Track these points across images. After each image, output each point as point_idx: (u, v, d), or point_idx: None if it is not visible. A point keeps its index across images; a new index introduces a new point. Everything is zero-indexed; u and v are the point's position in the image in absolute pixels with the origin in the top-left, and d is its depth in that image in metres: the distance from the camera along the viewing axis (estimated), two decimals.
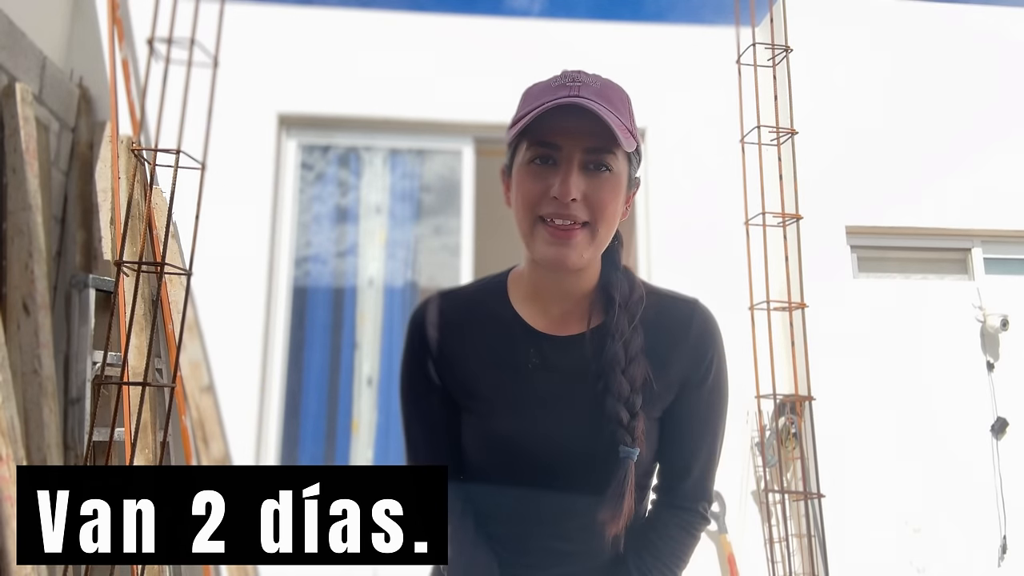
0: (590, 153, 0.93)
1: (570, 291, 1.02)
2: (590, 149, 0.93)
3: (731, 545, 3.20)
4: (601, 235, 0.95)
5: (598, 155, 0.93)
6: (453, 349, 1.04)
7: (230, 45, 2.89)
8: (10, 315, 2.66)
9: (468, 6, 8.99)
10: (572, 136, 0.92)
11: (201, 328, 3.22)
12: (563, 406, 1.00)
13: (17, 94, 2.72)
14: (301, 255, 3.58)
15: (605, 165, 0.93)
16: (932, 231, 3.66)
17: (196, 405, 3.09)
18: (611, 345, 0.97)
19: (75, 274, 3.00)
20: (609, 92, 0.96)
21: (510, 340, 1.03)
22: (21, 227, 2.68)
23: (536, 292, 1.03)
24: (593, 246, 0.95)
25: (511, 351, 1.02)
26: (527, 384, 1.01)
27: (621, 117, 0.94)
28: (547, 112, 0.90)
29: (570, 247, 0.93)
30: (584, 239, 0.94)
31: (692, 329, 1.03)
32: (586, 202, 0.93)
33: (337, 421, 3.44)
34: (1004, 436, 3.43)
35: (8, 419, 2.33)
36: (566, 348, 1.01)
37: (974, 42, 3.84)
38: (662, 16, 3.76)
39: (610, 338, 0.98)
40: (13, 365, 2.55)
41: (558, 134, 0.92)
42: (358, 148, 3.71)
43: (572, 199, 0.91)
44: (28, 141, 2.71)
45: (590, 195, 0.93)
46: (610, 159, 0.94)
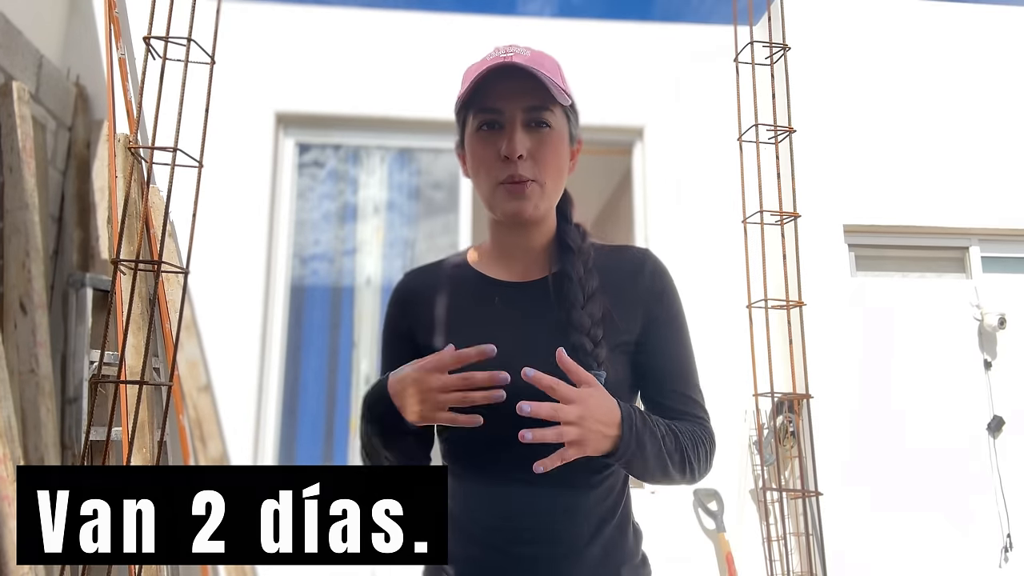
0: (530, 112, 1.03)
1: (530, 244, 1.12)
2: (529, 108, 1.03)
3: (729, 543, 3.21)
4: (549, 188, 1.06)
5: (538, 113, 1.03)
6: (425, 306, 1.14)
7: (227, 43, 2.88)
8: (7, 314, 2.65)
9: (484, 8, 9.00)
10: (511, 98, 1.02)
11: (199, 327, 3.22)
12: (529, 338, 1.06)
13: (14, 93, 2.71)
14: (299, 254, 3.58)
15: (545, 123, 1.04)
16: (930, 230, 3.67)
17: (194, 404, 3.09)
18: (569, 286, 1.07)
19: (72, 273, 3.00)
20: (540, 58, 1.05)
21: (475, 290, 1.13)
22: (18, 226, 2.67)
23: (500, 250, 1.14)
24: (545, 198, 1.06)
25: (477, 298, 1.12)
26: (493, 323, 1.09)
27: (554, 77, 1.03)
28: (485, 79, 1.00)
29: (525, 199, 1.04)
30: (535, 191, 1.04)
31: (646, 268, 1.13)
32: (532, 159, 1.03)
33: (335, 420, 3.44)
34: (1001, 434, 3.44)
35: (5, 418, 2.33)
36: (528, 291, 1.11)
37: (973, 40, 3.85)
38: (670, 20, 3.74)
39: (567, 280, 1.07)
40: (10, 364, 2.55)
41: (498, 98, 1.03)
42: (356, 147, 3.70)
43: (519, 156, 1.01)
44: (25, 140, 2.71)
45: (535, 151, 1.03)
46: (548, 116, 1.04)
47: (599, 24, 3.81)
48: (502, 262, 1.14)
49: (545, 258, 1.13)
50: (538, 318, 1.08)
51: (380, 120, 3.63)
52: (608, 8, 16.62)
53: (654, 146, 3.67)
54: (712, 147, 3.61)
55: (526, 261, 1.13)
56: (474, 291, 1.13)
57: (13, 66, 2.81)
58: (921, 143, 3.68)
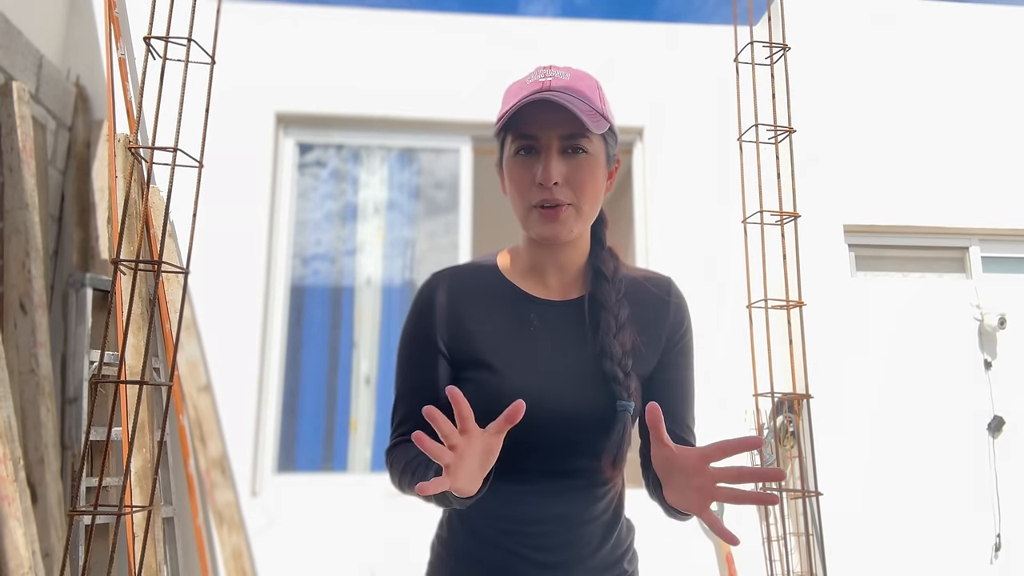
0: (565, 139, 1.03)
1: (564, 264, 1.14)
2: (565, 136, 1.03)
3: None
4: (585, 211, 1.07)
5: (573, 140, 1.03)
6: (459, 314, 1.12)
7: (228, 43, 2.89)
8: (7, 314, 2.65)
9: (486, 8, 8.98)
10: (547, 126, 1.03)
11: (199, 327, 3.22)
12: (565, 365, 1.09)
13: (14, 93, 2.71)
14: (299, 254, 3.58)
15: (581, 148, 1.04)
16: (930, 229, 3.67)
17: (194, 404, 3.09)
18: (603, 314, 1.09)
19: (72, 273, 3.00)
20: (577, 83, 1.06)
21: (511, 306, 1.13)
22: (18, 226, 2.67)
23: (533, 267, 1.15)
24: (580, 221, 1.07)
25: (513, 315, 1.12)
26: (530, 343, 1.10)
27: (591, 103, 1.04)
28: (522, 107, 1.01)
29: (560, 223, 1.05)
30: (571, 215, 1.05)
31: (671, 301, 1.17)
32: (568, 184, 1.04)
33: (335, 420, 3.44)
34: (1001, 435, 3.44)
35: (5, 418, 2.33)
36: (564, 311, 1.13)
37: (973, 40, 3.85)
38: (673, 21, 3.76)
39: (601, 308, 1.10)
40: (10, 364, 2.55)
41: (534, 125, 1.03)
42: (356, 147, 3.70)
43: (554, 183, 1.02)
44: (25, 140, 2.71)
45: (571, 177, 1.04)
46: (584, 142, 1.04)
47: (597, 24, 3.81)
48: (536, 277, 1.15)
49: (578, 278, 1.15)
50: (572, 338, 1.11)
51: (380, 120, 3.63)
52: (611, 9, 16.61)
53: (654, 146, 3.67)
54: (712, 147, 3.61)
55: (560, 280, 1.15)
56: (510, 306, 1.13)
57: (13, 66, 2.81)
58: (921, 143, 3.68)
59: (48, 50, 3.14)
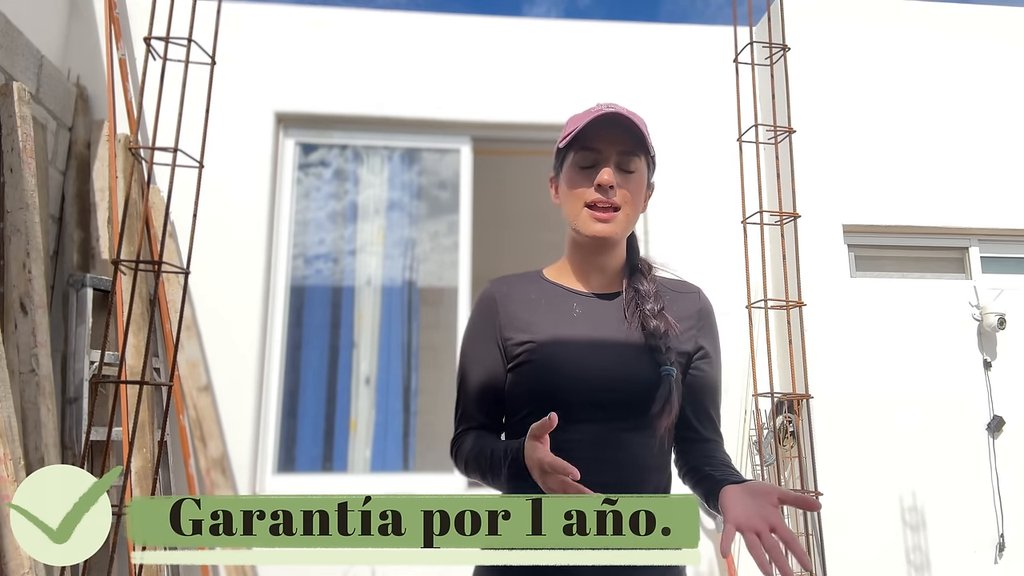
0: (622, 156, 1.26)
1: (605, 264, 1.32)
2: (622, 152, 1.25)
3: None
4: (630, 218, 1.28)
5: (627, 157, 1.26)
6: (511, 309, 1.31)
7: (228, 43, 2.89)
8: (7, 314, 2.66)
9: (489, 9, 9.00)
10: (608, 141, 1.25)
11: (199, 327, 3.22)
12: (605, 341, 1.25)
13: (14, 93, 2.71)
14: (299, 254, 3.58)
15: (631, 168, 1.27)
16: (929, 230, 3.67)
17: (194, 404, 3.09)
18: (643, 300, 1.28)
19: (72, 273, 3.00)
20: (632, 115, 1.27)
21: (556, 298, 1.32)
22: (18, 226, 2.68)
23: (576, 267, 1.34)
24: (625, 225, 1.27)
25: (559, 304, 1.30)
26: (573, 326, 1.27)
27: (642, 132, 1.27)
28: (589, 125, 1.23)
29: (611, 223, 1.25)
30: (619, 219, 1.25)
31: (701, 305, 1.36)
32: (619, 192, 1.25)
33: (335, 420, 3.44)
34: (1000, 435, 3.44)
35: (5, 418, 2.33)
36: (604, 302, 1.31)
37: (972, 41, 3.85)
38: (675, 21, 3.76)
39: (640, 295, 1.28)
40: (10, 364, 2.55)
41: (598, 141, 1.25)
42: (356, 147, 3.70)
43: (611, 186, 1.23)
44: (25, 140, 2.71)
45: (622, 186, 1.25)
46: (635, 163, 1.27)
47: (597, 25, 3.81)
48: (579, 277, 1.34)
49: (615, 278, 1.34)
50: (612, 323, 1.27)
51: (381, 120, 3.63)
52: (615, 11, 16.63)
53: (654, 146, 3.67)
54: (712, 147, 3.61)
55: (601, 278, 1.33)
56: (555, 298, 1.31)
57: (13, 66, 2.81)
58: (921, 143, 3.68)
59: (49, 50, 3.14)
